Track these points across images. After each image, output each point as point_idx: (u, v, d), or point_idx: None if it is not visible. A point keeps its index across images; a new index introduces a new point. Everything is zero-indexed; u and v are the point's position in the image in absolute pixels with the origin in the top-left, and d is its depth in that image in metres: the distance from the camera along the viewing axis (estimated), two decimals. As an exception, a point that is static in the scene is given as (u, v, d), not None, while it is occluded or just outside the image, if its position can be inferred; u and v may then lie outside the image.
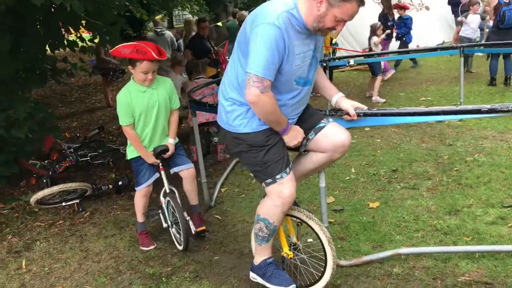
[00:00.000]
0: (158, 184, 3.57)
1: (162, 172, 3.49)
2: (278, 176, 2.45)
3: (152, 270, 3.25)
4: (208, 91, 5.44)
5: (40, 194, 4.22)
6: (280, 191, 2.46)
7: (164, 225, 3.59)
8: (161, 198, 3.58)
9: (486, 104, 2.43)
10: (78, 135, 6.69)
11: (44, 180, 4.86)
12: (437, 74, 10.00)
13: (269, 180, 2.47)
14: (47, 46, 5.49)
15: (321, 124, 2.60)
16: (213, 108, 3.70)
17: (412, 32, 9.79)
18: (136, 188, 3.56)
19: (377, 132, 5.97)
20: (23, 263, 3.54)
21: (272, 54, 2.21)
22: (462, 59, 6.49)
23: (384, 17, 9.75)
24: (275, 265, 2.71)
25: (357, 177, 4.58)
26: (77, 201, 4.46)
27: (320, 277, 2.73)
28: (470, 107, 2.57)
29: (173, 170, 3.57)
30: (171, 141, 3.52)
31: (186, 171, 3.55)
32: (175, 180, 3.65)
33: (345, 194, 4.20)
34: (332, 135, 2.57)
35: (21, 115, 4.49)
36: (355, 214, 3.77)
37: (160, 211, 3.64)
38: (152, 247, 3.55)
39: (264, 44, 2.19)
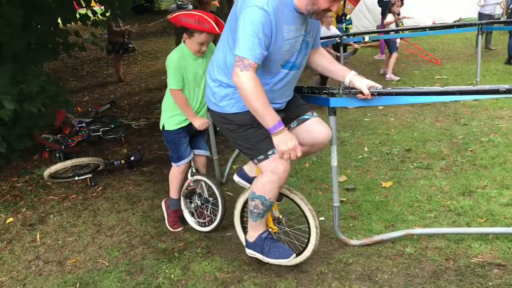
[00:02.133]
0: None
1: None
2: (270, 152, 2.44)
3: (165, 245, 3.28)
4: None
5: (53, 168, 4.26)
6: (275, 166, 2.44)
7: (193, 204, 3.47)
8: (189, 177, 3.41)
9: (503, 84, 2.35)
10: (90, 109, 6.70)
11: (57, 154, 4.89)
12: (452, 52, 9.82)
13: (260, 157, 2.46)
14: (59, 19, 5.46)
15: (306, 116, 2.64)
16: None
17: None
18: (175, 164, 3.35)
19: (391, 111, 5.89)
20: (38, 236, 3.59)
21: (258, 38, 2.17)
22: (480, 37, 6.33)
23: None
24: (271, 238, 2.74)
25: (370, 156, 4.54)
26: (90, 175, 4.49)
27: (305, 247, 2.81)
28: (487, 87, 2.48)
29: (200, 152, 3.45)
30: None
31: (203, 157, 3.48)
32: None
33: (357, 173, 4.17)
34: (314, 131, 2.62)
35: (34, 89, 4.49)
36: (367, 193, 3.75)
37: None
38: (180, 229, 3.47)
39: (251, 27, 2.16)
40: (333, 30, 6.76)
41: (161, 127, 3.32)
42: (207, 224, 3.42)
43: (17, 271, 3.14)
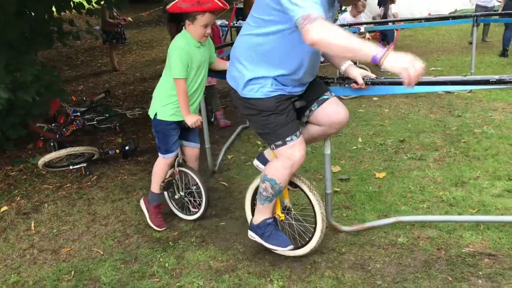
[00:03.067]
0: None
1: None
2: (288, 139, 2.47)
3: (159, 234, 3.29)
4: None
5: (47, 157, 4.25)
6: (291, 153, 2.48)
7: (177, 195, 3.46)
8: (176, 168, 3.36)
9: (495, 75, 2.38)
10: (84, 98, 6.68)
11: (52, 143, 4.88)
12: (448, 44, 9.82)
13: (279, 142, 2.49)
14: (53, 7, 5.41)
15: (325, 97, 2.64)
16: (216, 72, 3.59)
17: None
18: (162, 155, 3.26)
19: (386, 102, 5.91)
20: (32, 224, 3.60)
21: None
22: (475, 29, 6.34)
23: None
24: (274, 226, 2.78)
25: (364, 147, 4.56)
26: (84, 164, 4.49)
27: (306, 243, 2.84)
28: (478, 77, 2.53)
29: (181, 142, 3.36)
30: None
31: (195, 149, 3.40)
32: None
33: (351, 164, 4.20)
34: (332, 112, 2.62)
35: (28, 77, 4.46)
36: (361, 183, 3.77)
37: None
38: (163, 228, 3.34)
39: None
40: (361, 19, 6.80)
41: (151, 115, 3.20)
42: (192, 213, 3.45)
43: (11, 260, 3.15)
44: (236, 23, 10.13)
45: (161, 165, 3.30)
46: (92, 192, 4.08)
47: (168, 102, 3.11)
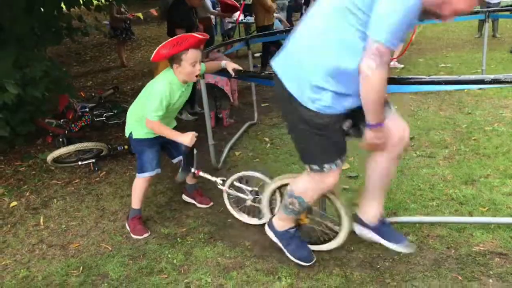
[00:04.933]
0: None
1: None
2: (326, 167, 2.29)
3: (167, 230, 3.29)
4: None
5: (56, 153, 4.27)
6: (325, 180, 2.36)
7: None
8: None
9: (509, 73, 2.36)
10: (93, 94, 6.69)
11: (60, 139, 4.90)
12: (458, 40, 9.73)
13: (315, 167, 2.31)
14: (62, 3, 5.43)
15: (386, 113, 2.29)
16: (221, 71, 3.65)
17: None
18: (138, 175, 3.24)
19: (394, 99, 5.80)
20: (41, 220, 3.62)
21: (406, 25, 1.88)
22: (487, 25, 6.27)
23: None
24: (299, 237, 2.72)
25: (373, 144, 4.52)
26: (93, 160, 4.51)
27: (322, 243, 2.83)
28: (473, 77, 2.54)
29: (177, 159, 3.37)
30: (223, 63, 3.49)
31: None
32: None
33: (360, 161, 4.17)
34: (394, 127, 2.34)
35: (37, 73, 4.48)
36: (370, 181, 3.74)
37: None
38: (146, 235, 3.23)
39: (405, 8, 1.84)
40: None
41: (127, 134, 3.21)
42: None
43: (21, 254, 3.17)
44: (244, 19, 10.11)
45: (137, 184, 3.27)
46: (101, 188, 4.09)
47: (141, 125, 3.11)
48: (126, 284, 2.75)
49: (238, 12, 9.34)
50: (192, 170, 3.15)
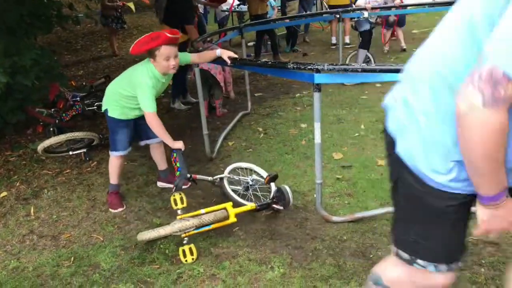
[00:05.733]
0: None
1: None
2: (442, 268, 1.53)
3: (159, 220, 3.27)
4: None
5: (47, 143, 4.21)
6: (433, 284, 1.59)
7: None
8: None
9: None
10: (84, 83, 6.63)
11: (51, 129, 4.85)
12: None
13: (422, 262, 1.54)
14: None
15: None
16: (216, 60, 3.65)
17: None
18: (111, 152, 3.45)
19: (389, 89, 5.81)
20: (32, 210, 3.58)
21: None
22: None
23: None
24: None
25: (367, 133, 4.52)
26: (84, 150, 4.46)
27: None
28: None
29: (144, 142, 3.58)
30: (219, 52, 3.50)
31: (157, 144, 3.58)
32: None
33: (353, 151, 4.16)
34: None
35: (27, 62, 4.40)
36: (363, 171, 3.74)
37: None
38: (120, 209, 3.45)
39: None
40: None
41: (103, 110, 3.37)
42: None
43: (11, 245, 3.13)
44: (237, 8, 10.03)
45: (112, 163, 3.47)
46: (92, 178, 4.05)
47: (117, 105, 3.30)
48: (117, 275, 2.73)
49: (231, 1, 9.26)
50: (188, 175, 3.13)
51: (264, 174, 3.45)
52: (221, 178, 3.40)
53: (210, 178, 3.36)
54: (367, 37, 6.48)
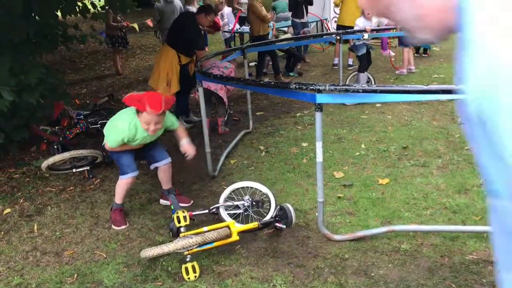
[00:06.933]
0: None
1: None
2: None
3: (162, 238, 3.29)
4: (222, 65, 5.39)
5: (51, 160, 4.26)
6: None
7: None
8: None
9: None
10: (88, 102, 6.70)
11: (55, 146, 4.89)
12: (451, 51, 9.83)
13: None
14: (58, 11, 5.44)
15: None
16: (217, 78, 3.83)
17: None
18: (120, 177, 3.52)
19: (388, 109, 5.92)
20: (35, 227, 3.60)
21: None
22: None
23: None
24: None
25: (367, 153, 4.56)
26: (88, 168, 4.49)
27: None
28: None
29: (153, 166, 3.63)
30: (184, 141, 3.53)
31: (165, 166, 3.63)
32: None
33: (354, 170, 4.20)
34: None
35: (33, 80, 4.48)
36: (364, 190, 3.77)
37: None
38: (123, 226, 3.48)
39: None
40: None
41: (103, 144, 3.46)
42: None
43: (14, 262, 3.15)
44: (240, 29, 10.18)
45: (121, 184, 3.53)
46: (95, 195, 4.08)
47: (117, 138, 3.34)
48: (120, 292, 2.74)
49: (234, 22, 9.41)
50: (184, 214, 3.13)
51: (263, 189, 3.50)
52: (217, 208, 3.42)
53: (206, 211, 3.40)
54: (365, 61, 6.59)
